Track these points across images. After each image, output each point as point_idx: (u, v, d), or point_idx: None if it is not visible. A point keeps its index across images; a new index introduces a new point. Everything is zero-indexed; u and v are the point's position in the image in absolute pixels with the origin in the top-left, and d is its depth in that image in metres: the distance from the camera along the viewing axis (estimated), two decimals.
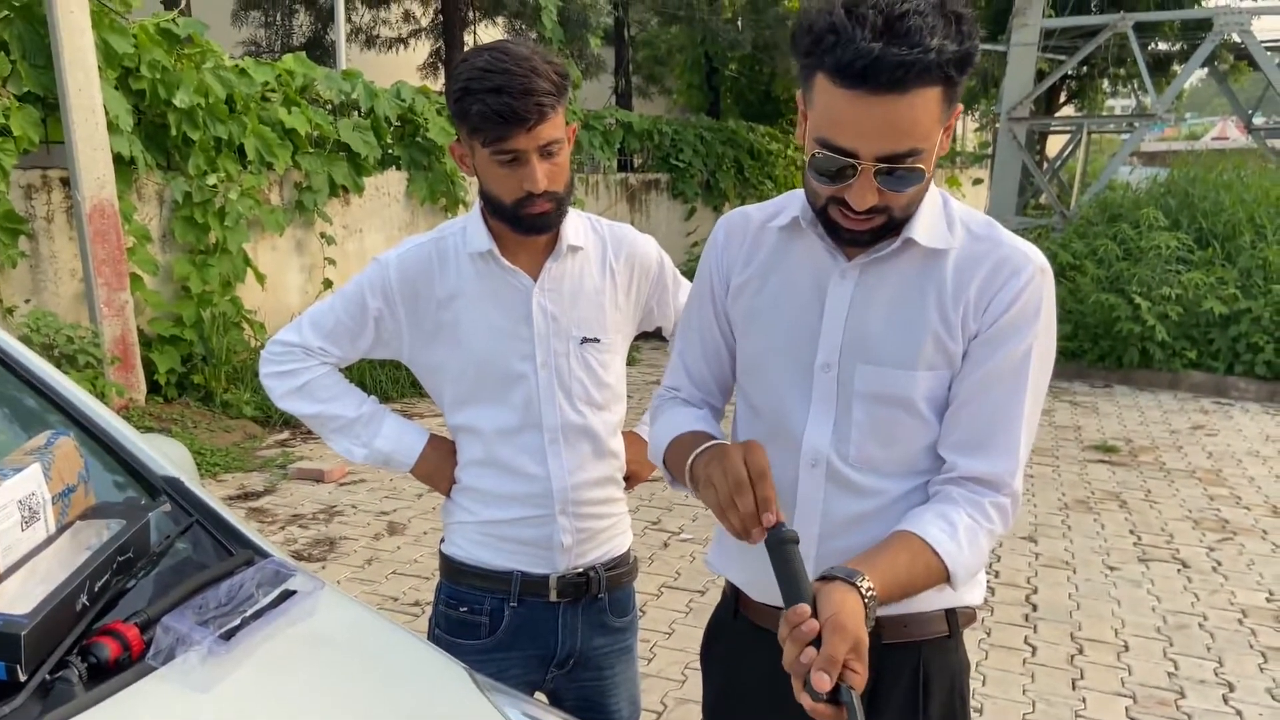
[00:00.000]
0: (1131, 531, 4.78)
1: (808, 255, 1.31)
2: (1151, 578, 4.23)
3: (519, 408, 1.62)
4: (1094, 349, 8.37)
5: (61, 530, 1.19)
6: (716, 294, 1.42)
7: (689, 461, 1.28)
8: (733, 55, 16.15)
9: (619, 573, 1.75)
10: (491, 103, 1.43)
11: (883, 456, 1.29)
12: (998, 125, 11.59)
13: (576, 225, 1.64)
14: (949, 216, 1.26)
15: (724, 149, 13.40)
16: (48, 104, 5.35)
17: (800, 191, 1.30)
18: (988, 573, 4.16)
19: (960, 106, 1.18)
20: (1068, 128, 14.89)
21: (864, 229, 1.19)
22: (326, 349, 1.66)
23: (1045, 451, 6.11)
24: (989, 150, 14.80)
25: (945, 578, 1.19)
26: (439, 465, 1.71)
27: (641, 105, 16.61)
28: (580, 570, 1.69)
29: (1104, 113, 20.70)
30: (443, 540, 1.77)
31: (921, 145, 1.11)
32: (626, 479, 1.78)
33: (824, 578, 1.09)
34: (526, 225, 1.54)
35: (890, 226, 1.20)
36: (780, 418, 1.34)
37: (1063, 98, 18.43)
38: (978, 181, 14.73)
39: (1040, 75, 11.49)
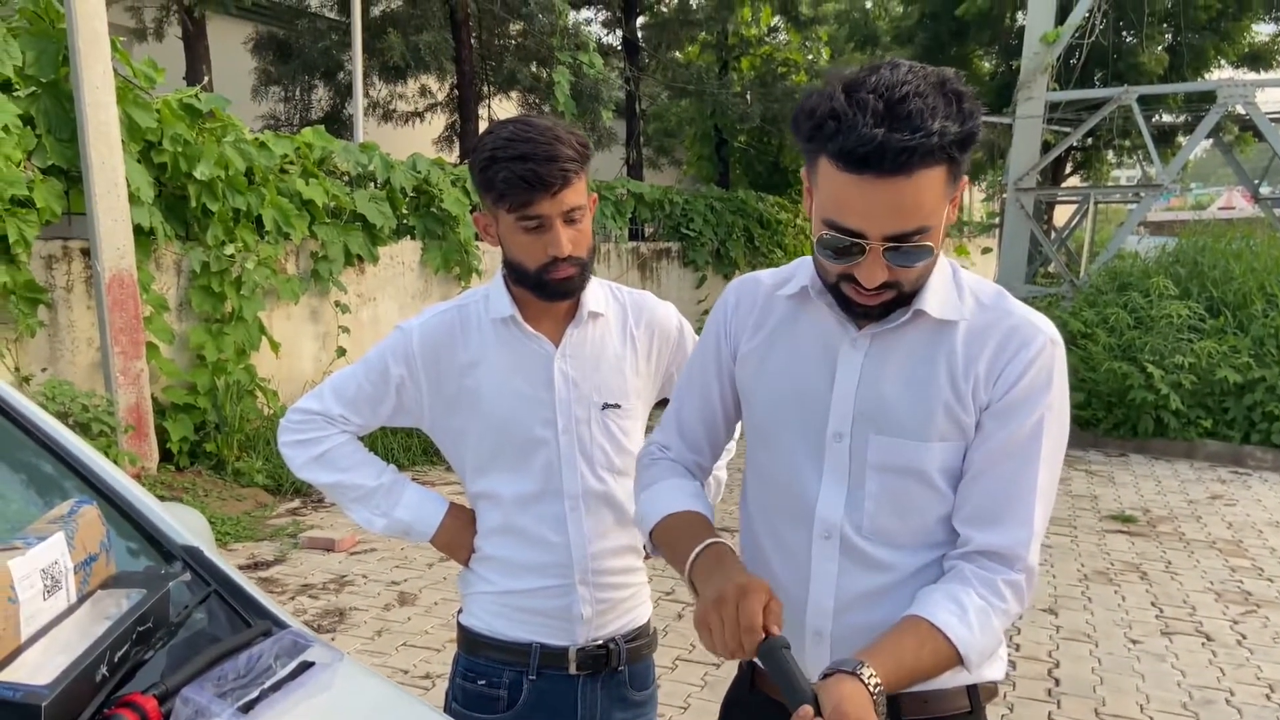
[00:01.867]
0: (1153, 603, 4.69)
1: (817, 324, 1.31)
2: (1175, 651, 4.14)
3: (539, 474, 1.62)
4: (1108, 417, 8.33)
5: (83, 599, 1.18)
6: (723, 355, 1.42)
7: (688, 562, 1.27)
8: (742, 127, 16.43)
9: (639, 644, 1.73)
10: (517, 169, 1.46)
11: (897, 528, 1.27)
12: (1005, 195, 11.71)
13: (597, 292, 1.66)
14: (959, 286, 1.27)
15: (734, 218, 13.55)
16: (71, 176, 5.46)
17: (810, 259, 1.30)
18: (1009, 645, 4.08)
19: (966, 180, 1.20)
20: (1075, 198, 15.04)
21: (874, 304, 1.20)
22: (348, 417, 1.66)
23: (1063, 521, 6.04)
24: (996, 220, 14.92)
25: (957, 661, 1.17)
26: (458, 535, 1.70)
27: (652, 176, 16.88)
28: (600, 642, 1.67)
29: (1110, 183, 20.91)
30: (460, 611, 1.74)
31: (928, 223, 1.12)
32: (645, 548, 1.76)
33: (827, 673, 1.08)
34: (551, 290, 1.55)
35: (900, 300, 1.21)
36: (792, 488, 1.32)
37: (1069, 168, 18.65)
38: (986, 250, 14.82)
39: (1046, 146, 11.64)
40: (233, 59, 12.69)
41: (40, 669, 1.03)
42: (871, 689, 1.05)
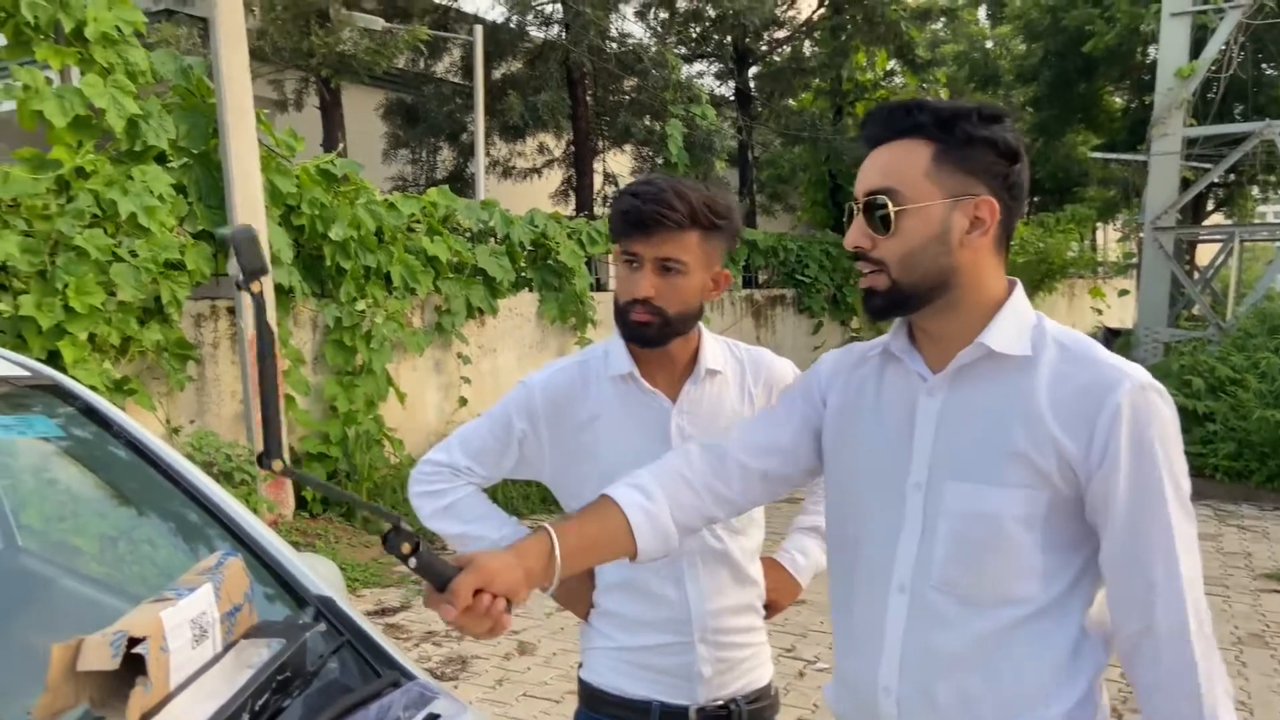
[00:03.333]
0: None
1: (900, 379, 1.32)
2: None
3: None
4: (1261, 469, 7.77)
5: (227, 648, 1.24)
6: (813, 399, 1.42)
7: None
8: (856, 172, 16.29)
9: (760, 706, 1.69)
10: (624, 204, 1.55)
11: (968, 581, 1.22)
12: (1142, 235, 11.22)
13: (715, 350, 1.67)
14: (1040, 330, 1.24)
15: (850, 264, 13.38)
16: (218, 240, 5.84)
17: (896, 323, 1.34)
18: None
19: (993, 202, 1.20)
20: (1218, 236, 14.28)
21: (866, 284, 1.25)
22: (473, 468, 1.70)
23: (1214, 580, 5.64)
24: (1134, 260, 14.29)
25: None
26: (577, 589, 1.71)
27: (765, 223, 16.88)
28: (721, 703, 1.64)
29: (1256, 220, 19.79)
30: (580, 665, 1.75)
31: (895, 187, 1.21)
32: (766, 607, 1.73)
33: None
34: (626, 330, 1.59)
35: (897, 293, 1.23)
36: (872, 543, 1.31)
37: (1211, 205, 17.77)
38: (1123, 292, 14.14)
39: (1185, 184, 11.13)
40: (365, 124, 13.41)
41: (188, 716, 1.08)
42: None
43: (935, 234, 1.20)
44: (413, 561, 1.08)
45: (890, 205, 1.20)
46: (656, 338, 1.58)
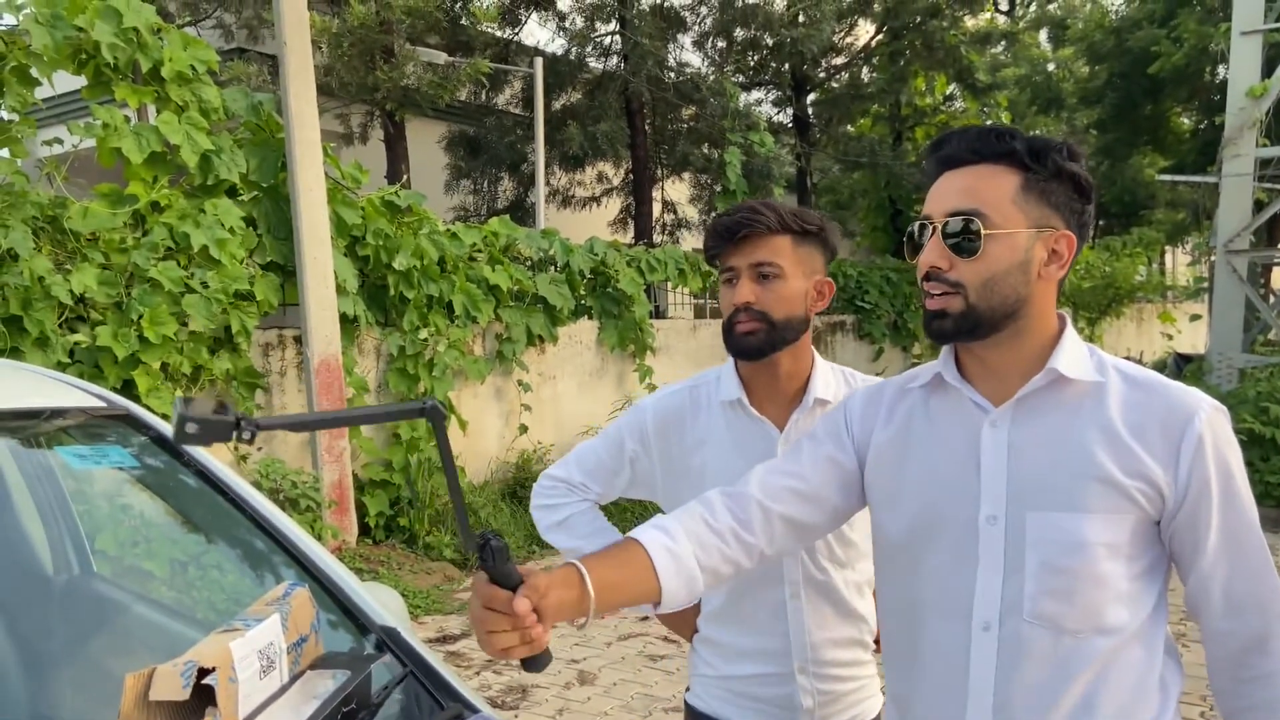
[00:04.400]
0: None
1: (954, 411, 1.29)
2: None
3: None
4: None
5: (294, 679, 1.25)
6: (841, 440, 1.37)
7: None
8: (918, 197, 16.15)
9: None
10: (714, 223, 1.59)
11: (1062, 613, 1.19)
12: (1214, 259, 10.90)
13: (828, 378, 1.67)
14: (1098, 359, 1.26)
15: (911, 289, 13.22)
16: (286, 271, 5.97)
17: (944, 353, 1.33)
18: None
19: (1072, 237, 1.22)
20: None
21: (937, 305, 1.22)
22: (588, 485, 1.75)
23: None
24: (1205, 284, 13.90)
25: None
26: (683, 613, 1.73)
27: None
28: None
29: None
30: (688, 689, 1.78)
31: (984, 209, 1.19)
32: (877, 640, 1.70)
33: None
34: (734, 345, 1.59)
35: (971, 317, 1.20)
36: (944, 581, 1.26)
37: None
38: (1195, 318, 13.72)
39: (1259, 206, 10.80)
40: (428, 156, 13.67)
41: None
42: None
43: (1018, 262, 1.20)
44: (491, 546, 1.05)
45: (981, 228, 1.19)
46: (764, 346, 1.58)
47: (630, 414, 1.74)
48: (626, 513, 7.07)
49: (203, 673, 1.09)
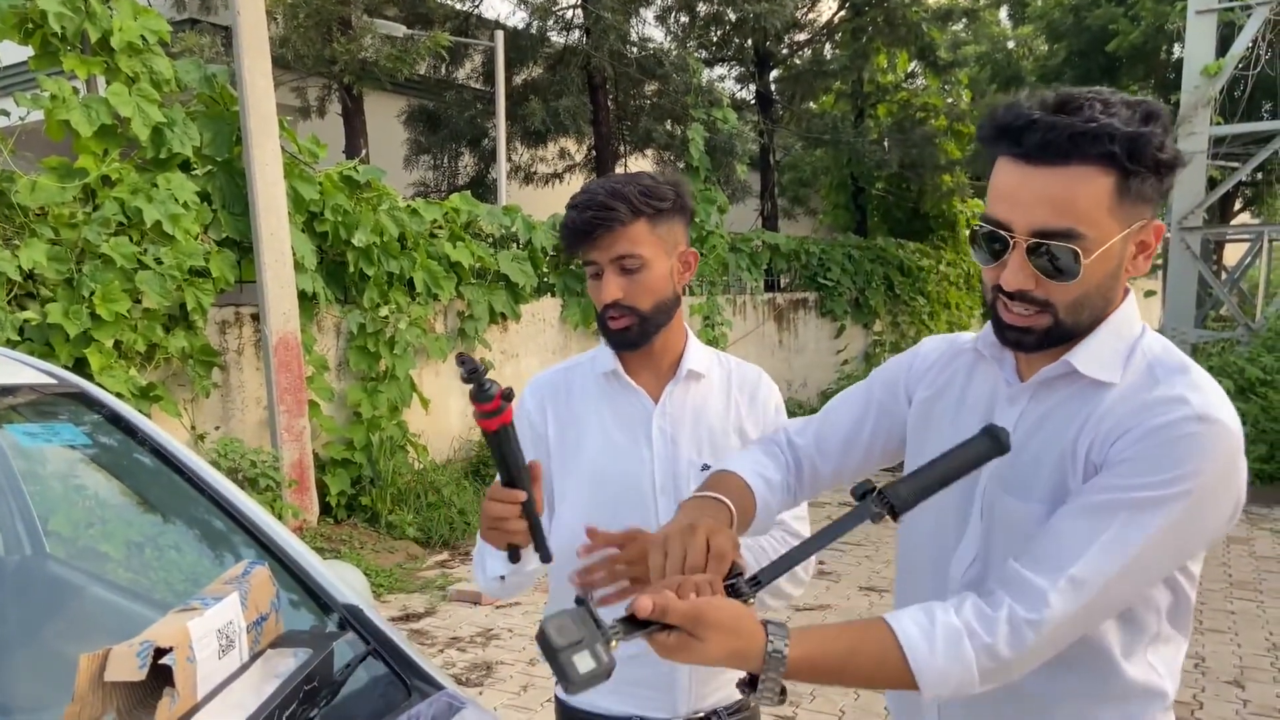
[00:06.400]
0: None
1: (986, 381, 1.27)
2: None
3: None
4: None
5: (254, 658, 1.23)
6: (899, 389, 1.38)
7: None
8: (879, 174, 16.22)
9: (743, 717, 1.67)
10: (566, 219, 1.56)
11: None
12: (1168, 235, 11.10)
13: (700, 354, 1.67)
14: (1133, 351, 1.14)
15: (873, 266, 13.32)
16: (242, 247, 5.86)
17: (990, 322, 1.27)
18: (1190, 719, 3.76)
19: (1160, 225, 1.12)
20: (1246, 236, 14.08)
21: (1022, 324, 1.11)
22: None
23: (1247, 585, 5.55)
24: (1160, 262, 14.15)
25: (906, 676, 1.04)
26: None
27: (787, 226, 16.81)
28: (703, 715, 1.62)
29: None
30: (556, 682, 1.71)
31: (1079, 227, 1.04)
32: None
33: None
34: (611, 340, 1.61)
35: (1055, 334, 1.11)
36: (935, 544, 1.28)
37: (1238, 205, 17.53)
38: (1150, 294, 14.02)
39: (1212, 183, 10.99)
40: (387, 131, 13.46)
41: None
42: (769, 653, 1.00)
43: (1111, 270, 1.11)
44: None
45: (1080, 254, 1.06)
46: (638, 338, 1.59)
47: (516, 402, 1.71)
48: None
49: (159, 652, 1.07)
